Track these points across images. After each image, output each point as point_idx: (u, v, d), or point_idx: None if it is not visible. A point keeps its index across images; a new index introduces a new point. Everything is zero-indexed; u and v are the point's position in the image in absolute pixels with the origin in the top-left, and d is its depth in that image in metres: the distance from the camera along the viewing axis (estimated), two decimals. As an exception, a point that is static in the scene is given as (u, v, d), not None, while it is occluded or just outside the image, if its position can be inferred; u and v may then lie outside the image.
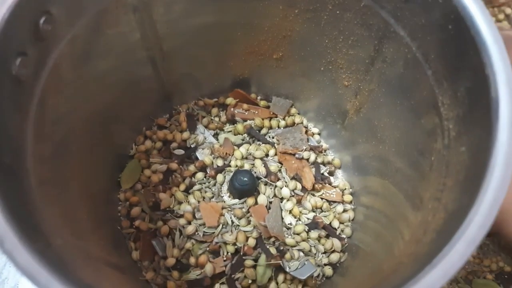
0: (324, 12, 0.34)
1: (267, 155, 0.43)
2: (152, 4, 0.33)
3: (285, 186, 0.41)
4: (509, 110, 0.21)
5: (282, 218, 0.39)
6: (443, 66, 0.27)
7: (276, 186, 0.41)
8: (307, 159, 0.43)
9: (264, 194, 0.40)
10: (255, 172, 0.41)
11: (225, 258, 0.38)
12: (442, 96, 0.27)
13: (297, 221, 0.40)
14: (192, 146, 0.43)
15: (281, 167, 0.42)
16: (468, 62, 0.24)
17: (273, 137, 0.44)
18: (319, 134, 0.46)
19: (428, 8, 0.27)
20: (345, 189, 0.43)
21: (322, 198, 0.41)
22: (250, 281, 0.37)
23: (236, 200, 0.40)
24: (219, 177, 0.41)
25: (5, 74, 0.23)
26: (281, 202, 0.40)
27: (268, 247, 0.38)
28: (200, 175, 0.41)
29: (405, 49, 0.30)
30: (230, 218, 0.39)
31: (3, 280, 0.42)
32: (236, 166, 0.41)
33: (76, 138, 0.33)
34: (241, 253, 0.37)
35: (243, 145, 0.43)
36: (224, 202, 0.40)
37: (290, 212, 0.40)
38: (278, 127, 0.45)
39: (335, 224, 0.41)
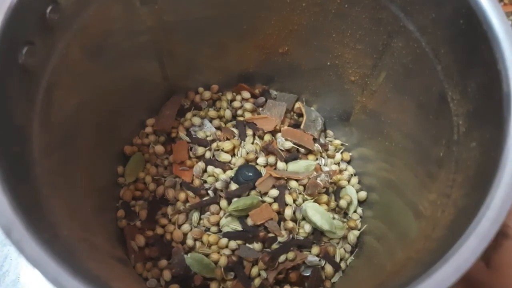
0: (332, 6, 0.34)
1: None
2: (159, -5, 0.33)
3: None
4: (521, 105, 0.21)
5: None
6: (453, 61, 0.26)
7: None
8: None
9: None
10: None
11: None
12: (452, 92, 0.27)
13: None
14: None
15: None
16: (479, 57, 0.24)
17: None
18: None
19: (439, 2, 0.26)
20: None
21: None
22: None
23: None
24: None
25: (12, 63, 0.23)
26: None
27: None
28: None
29: (414, 44, 0.29)
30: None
31: (4, 273, 0.41)
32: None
33: (82, 129, 0.32)
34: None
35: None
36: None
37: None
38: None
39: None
